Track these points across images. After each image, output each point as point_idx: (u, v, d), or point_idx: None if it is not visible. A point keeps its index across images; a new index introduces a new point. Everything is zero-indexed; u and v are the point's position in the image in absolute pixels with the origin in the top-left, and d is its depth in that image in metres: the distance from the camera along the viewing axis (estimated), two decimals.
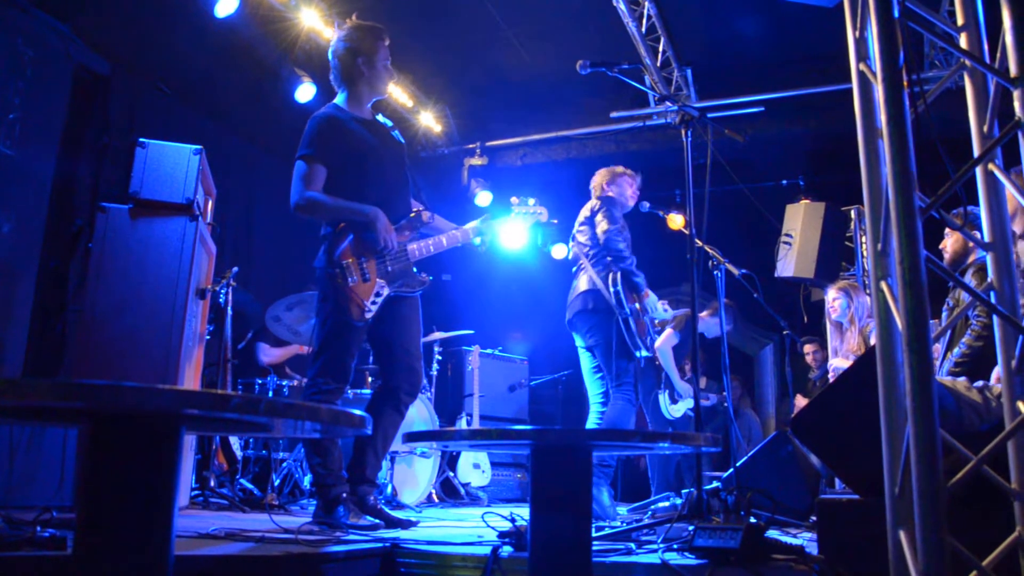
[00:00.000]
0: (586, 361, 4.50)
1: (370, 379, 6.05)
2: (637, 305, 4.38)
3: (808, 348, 6.59)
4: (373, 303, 3.30)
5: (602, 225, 4.40)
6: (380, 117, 3.66)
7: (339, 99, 3.55)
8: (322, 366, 3.32)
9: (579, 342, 4.52)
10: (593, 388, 4.47)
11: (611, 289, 4.29)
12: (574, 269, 4.60)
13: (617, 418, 4.26)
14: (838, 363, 5.26)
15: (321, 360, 3.34)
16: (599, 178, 4.77)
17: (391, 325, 3.45)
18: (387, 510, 3.43)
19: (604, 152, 7.92)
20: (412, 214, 3.58)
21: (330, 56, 3.54)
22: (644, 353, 4.37)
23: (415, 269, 3.51)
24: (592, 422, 4.42)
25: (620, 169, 4.77)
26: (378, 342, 3.50)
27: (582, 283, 4.46)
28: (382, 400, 3.45)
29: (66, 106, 5.05)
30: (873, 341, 5.18)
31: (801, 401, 6.17)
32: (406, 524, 3.32)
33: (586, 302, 4.39)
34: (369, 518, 3.25)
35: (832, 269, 6.87)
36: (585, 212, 4.63)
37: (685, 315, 5.73)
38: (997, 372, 3.01)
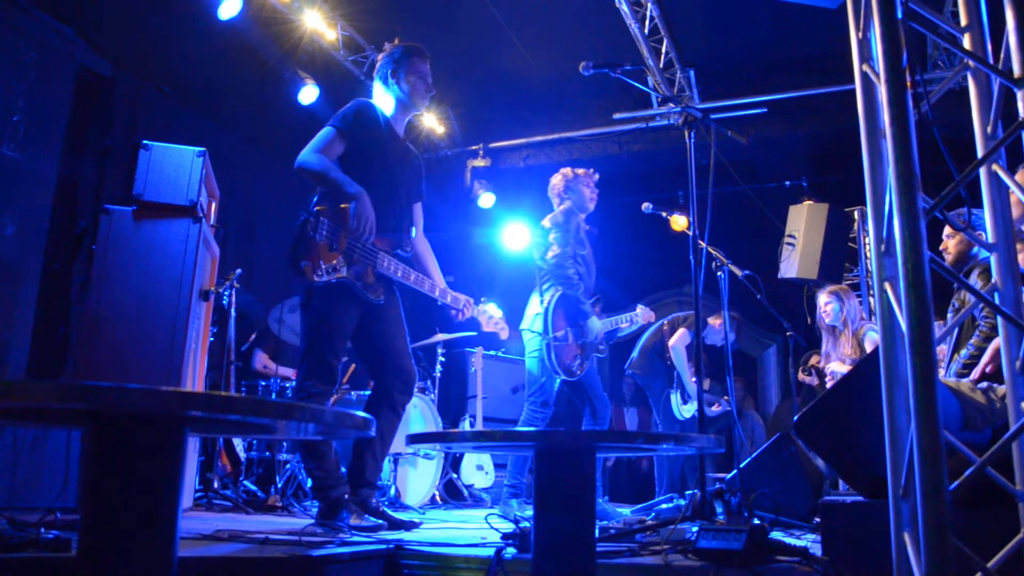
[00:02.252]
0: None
1: (372, 381, 6.06)
2: (567, 331, 4.44)
3: (813, 360, 6.56)
4: (329, 271, 3.24)
5: (552, 250, 4.45)
6: (409, 144, 3.73)
7: (381, 105, 3.63)
8: (307, 369, 3.32)
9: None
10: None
11: (542, 309, 4.43)
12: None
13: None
14: (836, 367, 5.25)
15: (306, 363, 3.33)
16: (556, 184, 4.79)
17: (374, 327, 3.44)
18: (390, 511, 3.43)
19: (607, 153, 7.93)
20: (396, 233, 3.53)
21: (374, 75, 3.66)
22: (564, 377, 4.48)
23: (375, 276, 3.39)
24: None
25: (575, 171, 4.78)
26: (364, 346, 3.48)
27: (529, 304, 4.62)
28: (377, 402, 3.45)
29: (69, 108, 5.05)
30: (867, 343, 5.19)
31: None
32: (409, 525, 3.32)
33: (525, 322, 4.56)
34: (372, 519, 3.25)
35: (835, 270, 6.86)
36: (540, 227, 4.66)
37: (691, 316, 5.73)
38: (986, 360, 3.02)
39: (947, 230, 3.57)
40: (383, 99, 3.61)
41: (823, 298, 5.45)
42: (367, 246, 3.35)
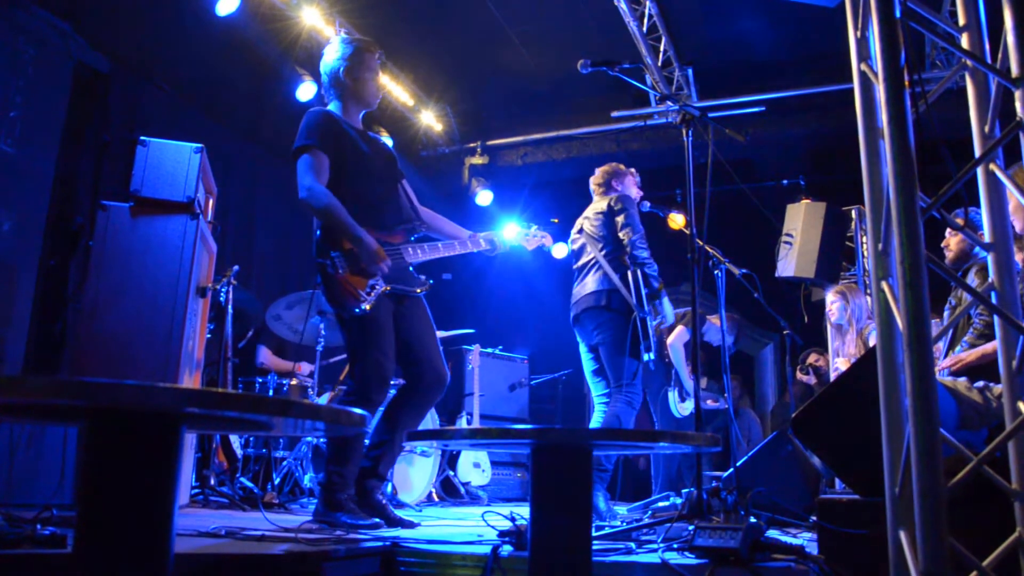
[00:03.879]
0: (588, 362, 4.46)
1: (403, 378, 6.05)
2: (654, 309, 4.35)
3: (811, 359, 6.57)
4: (368, 293, 3.28)
5: (627, 233, 4.35)
6: (371, 132, 3.71)
7: (332, 107, 3.59)
8: (361, 373, 3.32)
9: (582, 340, 4.48)
10: (596, 389, 4.44)
11: (632, 288, 4.24)
12: (581, 263, 4.53)
13: (616, 419, 4.23)
14: (841, 365, 5.27)
15: (359, 367, 3.33)
16: (604, 176, 4.71)
17: (408, 325, 3.46)
18: (391, 508, 3.43)
19: (605, 151, 7.92)
20: (407, 220, 3.59)
21: (321, 70, 3.60)
22: (651, 356, 4.32)
23: (411, 268, 3.51)
24: (596, 422, 4.39)
25: (623, 167, 4.75)
26: (398, 342, 3.48)
27: (596, 280, 4.38)
28: (404, 398, 3.47)
29: (67, 104, 5.05)
30: (872, 342, 5.20)
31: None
32: (407, 524, 3.32)
33: (599, 299, 4.31)
34: (369, 519, 3.24)
35: (833, 269, 6.86)
36: (601, 206, 4.52)
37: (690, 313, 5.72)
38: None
39: None
40: (335, 97, 3.57)
41: (829, 297, 5.48)
42: (392, 254, 3.40)
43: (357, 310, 3.26)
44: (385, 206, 3.52)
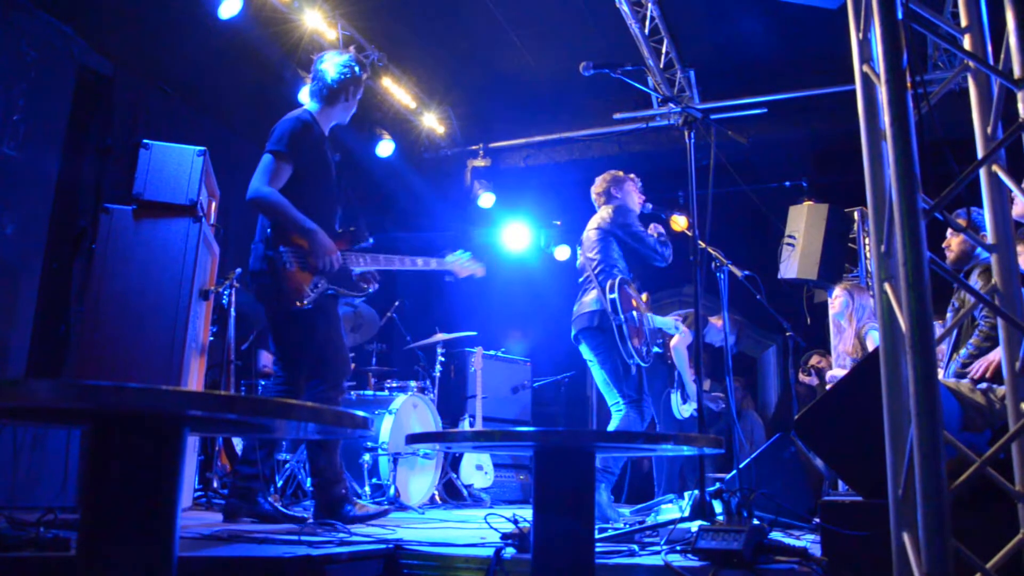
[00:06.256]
0: (598, 373, 4.47)
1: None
2: (635, 313, 4.36)
3: (813, 360, 6.56)
4: (312, 291, 3.33)
5: (634, 238, 4.42)
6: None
7: (312, 108, 3.64)
8: (296, 365, 3.44)
9: (587, 355, 4.50)
10: (609, 398, 4.45)
11: (607, 297, 4.29)
12: (581, 279, 4.58)
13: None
14: (837, 372, 5.27)
15: (297, 359, 3.45)
16: (604, 184, 4.73)
17: (326, 322, 3.52)
18: (280, 507, 3.49)
19: (607, 153, 7.93)
20: (352, 229, 3.65)
21: (321, 74, 3.62)
22: (641, 363, 4.34)
23: (353, 274, 3.56)
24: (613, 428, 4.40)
25: (623, 174, 4.75)
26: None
27: (590, 300, 4.43)
28: (317, 392, 3.50)
29: (69, 107, 5.05)
30: (868, 342, 5.20)
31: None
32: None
33: (592, 320, 4.37)
34: (374, 506, 3.27)
35: (835, 271, 6.85)
36: (596, 222, 4.59)
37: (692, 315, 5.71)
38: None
39: None
40: (325, 108, 3.64)
41: (836, 291, 5.49)
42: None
43: (297, 306, 3.32)
44: (334, 214, 3.63)
